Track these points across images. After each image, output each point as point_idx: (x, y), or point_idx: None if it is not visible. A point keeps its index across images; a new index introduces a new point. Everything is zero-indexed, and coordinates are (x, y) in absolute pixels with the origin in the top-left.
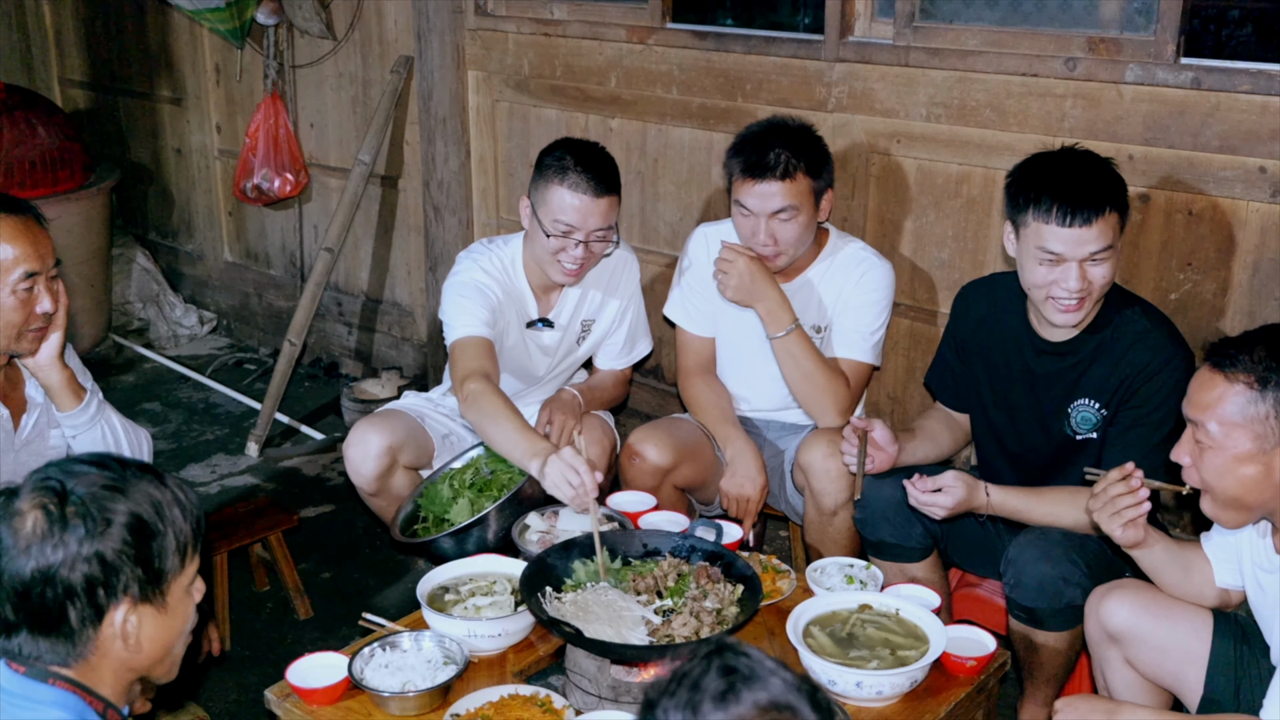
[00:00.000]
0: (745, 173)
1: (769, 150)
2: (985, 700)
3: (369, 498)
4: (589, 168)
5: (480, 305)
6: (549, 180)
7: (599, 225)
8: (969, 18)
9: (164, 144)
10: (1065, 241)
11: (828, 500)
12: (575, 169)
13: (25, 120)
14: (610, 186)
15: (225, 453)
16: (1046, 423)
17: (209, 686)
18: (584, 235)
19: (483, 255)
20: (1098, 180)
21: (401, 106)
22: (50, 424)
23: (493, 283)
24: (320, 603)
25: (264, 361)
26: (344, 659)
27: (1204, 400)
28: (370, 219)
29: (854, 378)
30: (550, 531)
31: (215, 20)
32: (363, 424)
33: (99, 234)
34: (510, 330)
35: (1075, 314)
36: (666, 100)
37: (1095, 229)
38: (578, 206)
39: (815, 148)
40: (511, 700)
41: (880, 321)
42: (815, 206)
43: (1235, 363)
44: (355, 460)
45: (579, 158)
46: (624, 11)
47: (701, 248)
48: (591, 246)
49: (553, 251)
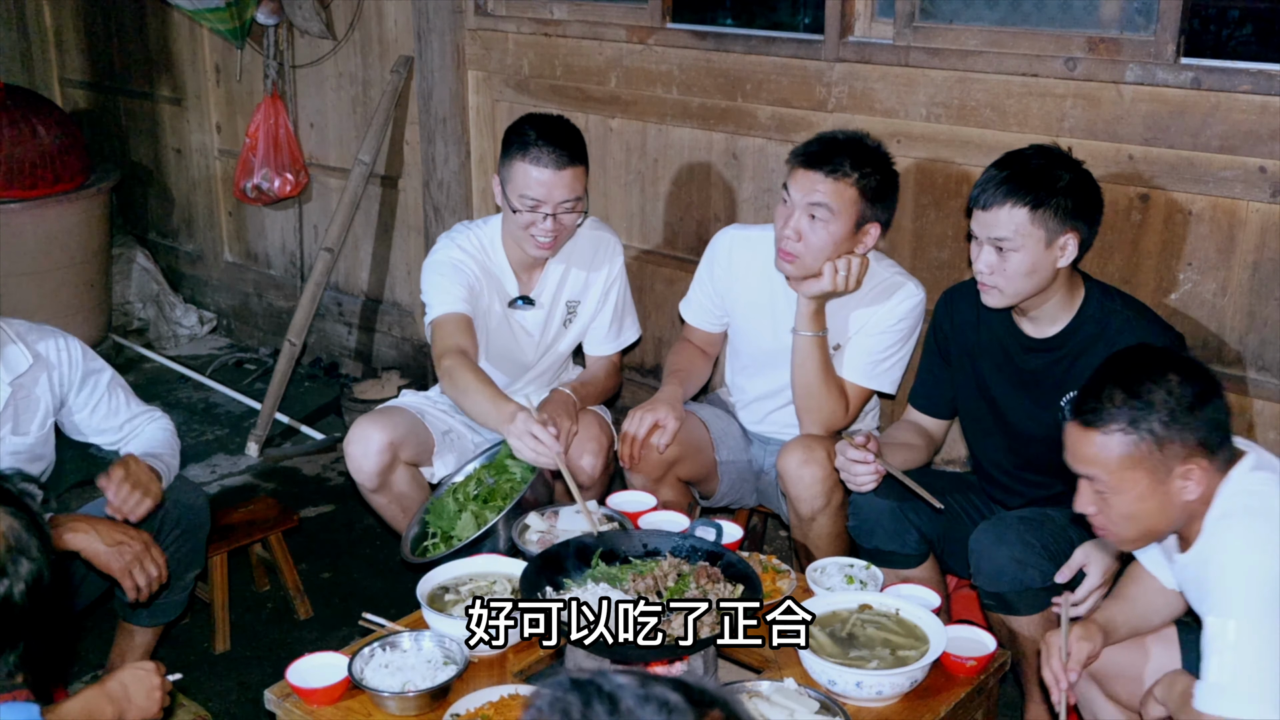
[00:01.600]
0: (800, 159)
1: (833, 150)
2: (985, 700)
3: (370, 494)
4: (552, 141)
5: (456, 282)
6: (514, 156)
7: (565, 197)
8: (969, 18)
9: (164, 144)
10: (976, 224)
11: (804, 507)
12: (538, 143)
13: (25, 120)
14: (574, 158)
15: (225, 453)
16: (1040, 417)
17: (209, 686)
18: (551, 208)
19: (460, 235)
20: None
21: (401, 106)
22: (11, 431)
23: (469, 260)
24: (320, 603)
25: (264, 361)
26: (344, 659)
27: (1087, 455)
28: (370, 219)
29: (851, 400)
30: (550, 531)
31: (215, 20)
32: (363, 421)
33: (99, 234)
34: (492, 311)
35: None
36: (666, 100)
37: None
38: (542, 180)
39: (881, 171)
40: (511, 700)
41: (896, 349)
42: (854, 229)
43: (1101, 415)
44: (356, 457)
45: (541, 131)
46: (624, 11)
47: (724, 252)
48: (561, 219)
49: (523, 226)
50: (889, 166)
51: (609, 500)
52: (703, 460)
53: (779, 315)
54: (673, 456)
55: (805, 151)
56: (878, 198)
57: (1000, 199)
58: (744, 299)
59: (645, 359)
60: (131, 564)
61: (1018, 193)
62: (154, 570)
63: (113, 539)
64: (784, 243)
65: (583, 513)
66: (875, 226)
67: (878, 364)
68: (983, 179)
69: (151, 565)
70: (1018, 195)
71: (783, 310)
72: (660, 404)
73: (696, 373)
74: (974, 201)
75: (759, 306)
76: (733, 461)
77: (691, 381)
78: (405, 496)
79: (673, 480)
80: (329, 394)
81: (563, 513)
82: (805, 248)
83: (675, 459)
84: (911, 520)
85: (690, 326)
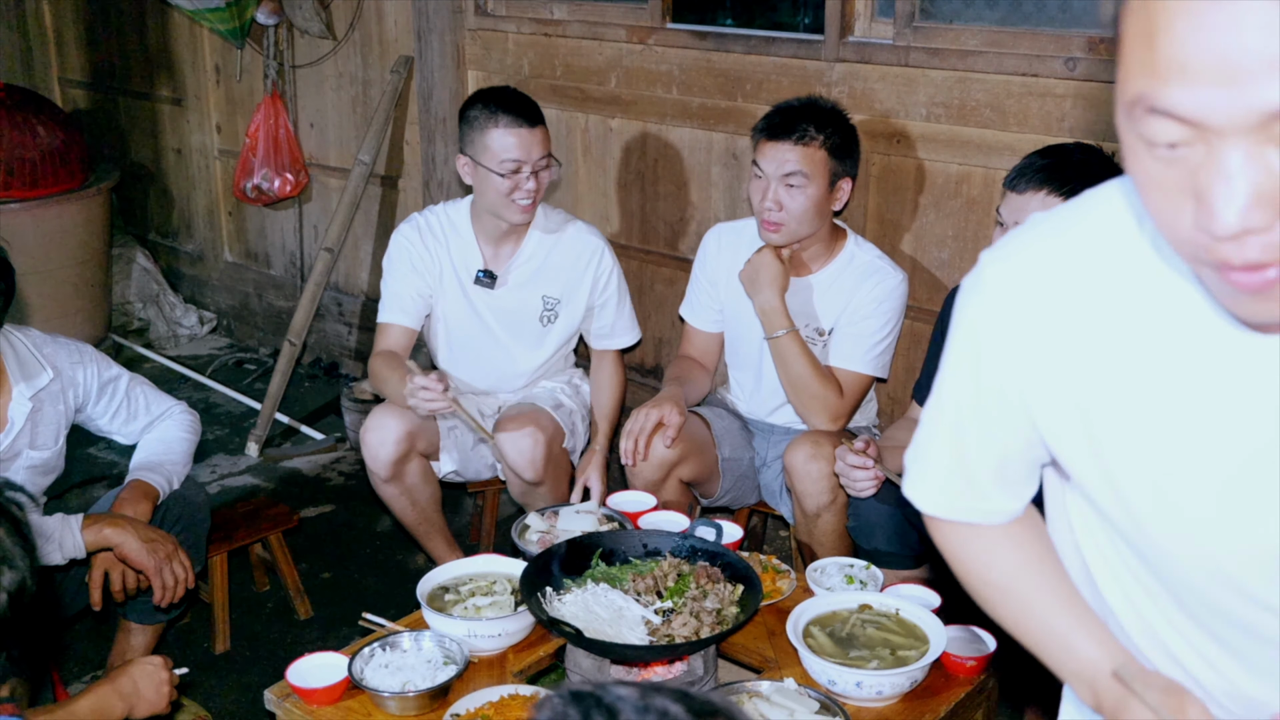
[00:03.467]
0: (764, 133)
1: (794, 118)
2: (985, 700)
3: (382, 484)
4: (514, 106)
5: (408, 286)
6: (483, 128)
7: (541, 153)
8: (969, 18)
9: (164, 144)
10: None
11: (810, 502)
12: (503, 110)
13: (25, 120)
14: (538, 117)
15: (225, 453)
16: None
17: (209, 686)
18: (532, 166)
19: (422, 217)
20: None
21: (401, 106)
22: (29, 445)
23: (422, 242)
24: (320, 603)
25: (264, 361)
26: (344, 659)
27: None
28: (370, 219)
29: (849, 388)
30: (550, 531)
31: (215, 20)
32: (380, 411)
33: (99, 234)
34: (449, 295)
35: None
36: (666, 100)
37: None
38: (518, 142)
39: (841, 129)
40: (511, 700)
41: (885, 332)
42: (829, 187)
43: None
44: (373, 444)
45: (501, 101)
46: (624, 11)
47: (714, 244)
48: (539, 176)
49: (506, 192)
50: (847, 122)
51: (609, 500)
52: (705, 461)
53: None
54: (675, 457)
55: (769, 124)
56: (845, 154)
57: (1036, 184)
58: (738, 288)
59: (645, 359)
60: (164, 563)
61: (1053, 181)
62: (181, 572)
63: (146, 536)
64: (766, 214)
65: (488, 443)
66: (847, 181)
67: (869, 349)
68: (1022, 164)
69: (179, 566)
70: (1053, 184)
71: None
72: (664, 401)
73: (696, 382)
74: (1009, 183)
75: None
76: (735, 459)
77: (691, 387)
78: (416, 489)
79: (674, 482)
80: (329, 394)
81: (563, 513)
82: (788, 215)
83: (678, 459)
84: (912, 522)
85: (691, 330)
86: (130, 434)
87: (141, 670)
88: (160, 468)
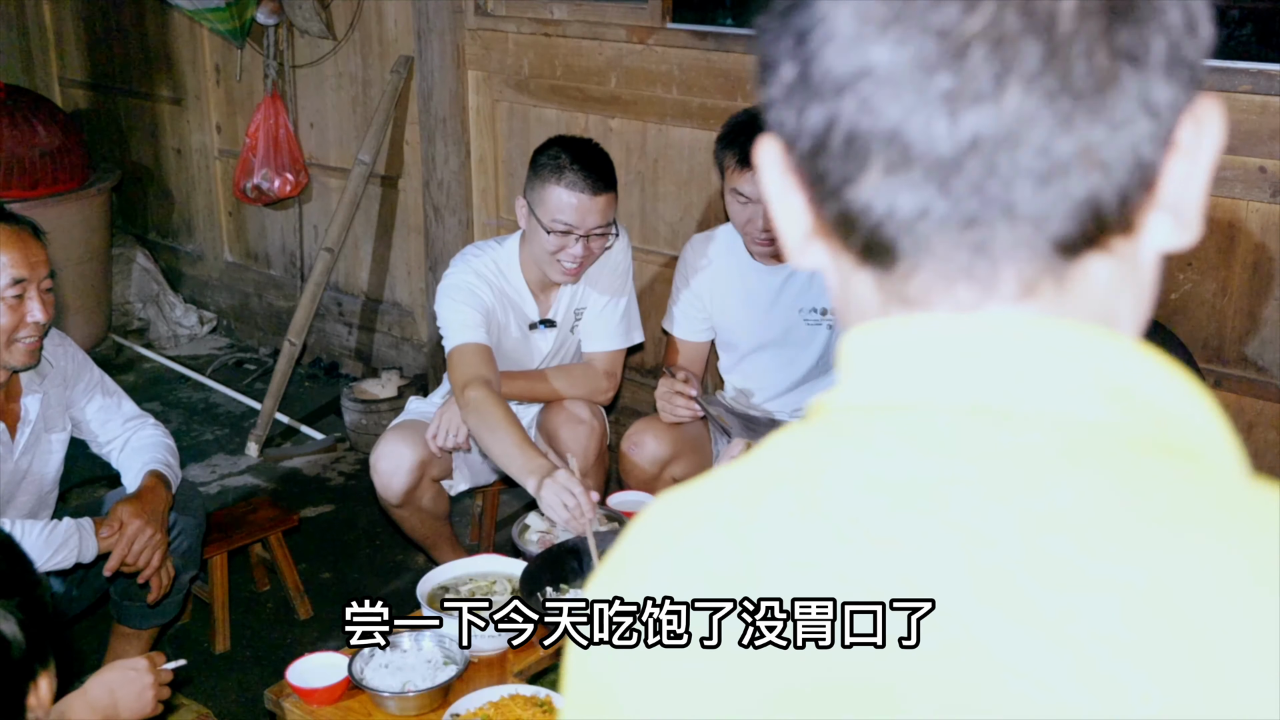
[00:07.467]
0: (743, 163)
1: None
2: None
3: (393, 509)
4: (585, 166)
5: (472, 308)
6: (545, 180)
7: (598, 224)
8: None
9: (164, 144)
10: None
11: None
12: (572, 167)
13: (25, 120)
14: (608, 184)
15: (225, 453)
16: None
17: (209, 686)
18: (583, 232)
19: (475, 258)
20: None
21: (401, 106)
22: (47, 429)
23: (484, 285)
24: (320, 603)
25: (264, 361)
26: (344, 659)
27: None
28: (370, 219)
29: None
30: (550, 531)
31: (215, 20)
32: (392, 438)
33: (99, 234)
34: (509, 333)
35: None
36: (666, 100)
37: None
38: (575, 205)
39: None
40: (511, 700)
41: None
42: None
43: None
44: (385, 473)
45: (575, 156)
46: (624, 11)
47: (693, 252)
48: (591, 244)
49: (552, 251)
50: None
51: (609, 500)
52: (700, 460)
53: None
54: (667, 455)
55: (743, 152)
56: None
57: None
58: (724, 292)
59: (645, 359)
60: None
61: None
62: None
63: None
64: (761, 237)
65: None
66: None
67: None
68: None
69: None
70: None
71: (756, 291)
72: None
73: None
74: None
75: (738, 294)
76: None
77: None
78: (427, 512)
79: (668, 481)
80: (329, 394)
81: None
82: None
83: (670, 457)
84: None
85: (677, 341)
86: (109, 433)
87: (120, 677)
88: (168, 466)
